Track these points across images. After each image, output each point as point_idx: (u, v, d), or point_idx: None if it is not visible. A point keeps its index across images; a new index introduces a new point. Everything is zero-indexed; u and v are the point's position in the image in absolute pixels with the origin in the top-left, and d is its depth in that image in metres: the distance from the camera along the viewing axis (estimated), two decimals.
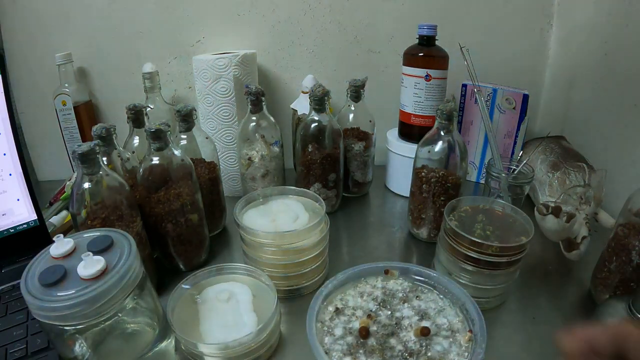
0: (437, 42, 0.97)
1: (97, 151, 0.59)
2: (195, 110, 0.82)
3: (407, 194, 0.91)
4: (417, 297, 0.55)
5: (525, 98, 1.02)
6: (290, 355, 0.62)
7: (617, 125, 0.96)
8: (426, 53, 0.96)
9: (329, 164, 0.92)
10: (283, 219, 0.73)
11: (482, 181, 1.11)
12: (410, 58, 0.99)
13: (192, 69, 0.99)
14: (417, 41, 0.98)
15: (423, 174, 0.83)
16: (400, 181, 1.07)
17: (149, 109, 0.84)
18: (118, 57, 1.09)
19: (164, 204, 0.72)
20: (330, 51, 1.16)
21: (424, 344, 0.47)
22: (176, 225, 0.74)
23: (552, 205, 0.79)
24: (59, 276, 0.44)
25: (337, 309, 0.53)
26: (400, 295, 0.55)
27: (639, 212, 0.63)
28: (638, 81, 0.89)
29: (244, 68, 0.97)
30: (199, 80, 0.96)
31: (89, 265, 0.45)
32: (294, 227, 0.70)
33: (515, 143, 1.06)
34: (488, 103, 1.06)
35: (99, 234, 0.52)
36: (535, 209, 0.81)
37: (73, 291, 0.43)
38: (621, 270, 0.65)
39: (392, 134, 1.10)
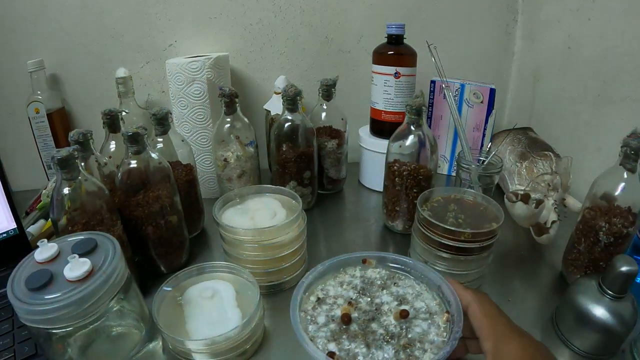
0: (405, 41, 1.00)
1: (76, 156, 0.60)
2: (171, 114, 0.83)
3: (381, 189, 0.93)
4: (394, 283, 0.56)
5: (492, 92, 1.06)
6: (275, 349, 0.64)
7: (582, 115, 1.00)
8: (395, 51, 0.99)
9: (304, 162, 0.94)
10: (261, 217, 0.75)
11: (454, 174, 1.14)
12: (380, 56, 1.01)
13: (165, 73, 0.99)
14: (385, 40, 1.01)
15: (395, 168, 0.85)
16: (374, 176, 1.09)
17: (124, 113, 0.84)
18: (90, 62, 1.09)
19: (144, 207, 0.72)
20: (302, 52, 1.18)
21: (404, 326, 0.49)
22: (156, 228, 0.75)
23: (521, 192, 0.82)
24: (45, 280, 0.45)
25: (318, 298, 0.54)
26: (379, 282, 0.56)
27: (604, 195, 0.66)
28: (600, 72, 0.94)
29: (217, 70, 0.98)
30: (172, 83, 0.97)
31: (75, 267, 0.46)
32: (273, 223, 0.71)
33: (484, 135, 1.10)
34: (456, 98, 1.09)
35: (82, 237, 0.52)
36: (505, 196, 0.84)
37: (60, 294, 0.44)
38: (590, 250, 0.68)
39: (364, 131, 1.12)
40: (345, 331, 0.49)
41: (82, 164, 0.71)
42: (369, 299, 0.53)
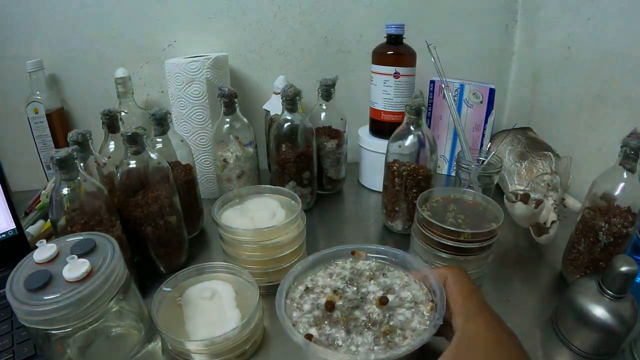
0: (404, 41, 1.00)
1: (75, 156, 0.60)
2: (170, 114, 0.83)
3: (380, 189, 0.93)
4: (383, 274, 0.56)
5: (492, 92, 1.06)
6: (274, 350, 0.64)
7: (581, 115, 1.00)
8: (394, 51, 0.99)
9: (303, 162, 0.94)
10: (261, 217, 0.75)
11: (453, 174, 1.14)
12: (379, 56, 1.01)
13: (165, 73, 0.99)
14: (385, 40, 1.01)
15: (395, 168, 0.85)
16: (373, 176, 1.09)
17: (123, 113, 0.84)
18: (90, 63, 1.09)
19: (143, 207, 0.72)
20: (301, 52, 1.18)
21: (387, 314, 0.49)
22: (155, 228, 0.75)
23: (521, 192, 0.82)
24: (44, 280, 0.45)
25: (307, 288, 0.55)
26: (367, 273, 0.56)
27: (604, 195, 0.66)
28: (600, 72, 0.94)
29: (216, 71, 0.98)
30: (171, 83, 0.97)
31: (74, 268, 0.46)
32: (272, 223, 0.71)
33: (483, 135, 1.10)
34: (456, 98, 1.09)
35: (81, 237, 0.52)
36: (504, 197, 0.84)
37: (59, 294, 0.44)
38: (590, 250, 0.68)
39: (364, 131, 1.12)
40: (328, 317, 0.50)
41: (81, 164, 0.71)
42: (355, 289, 0.54)
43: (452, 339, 0.44)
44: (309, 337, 0.46)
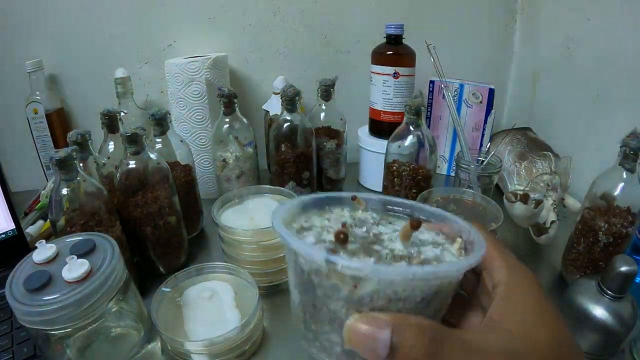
0: (404, 41, 1.00)
1: (75, 157, 0.60)
2: (170, 114, 0.83)
3: (380, 189, 0.93)
4: (390, 222, 0.44)
5: (492, 92, 1.06)
6: (274, 350, 0.63)
7: (581, 115, 1.01)
8: (394, 51, 0.99)
9: (302, 162, 0.94)
10: (260, 217, 0.75)
11: (453, 174, 1.14)
12: (379, 57, 1.01)
13: (164, 73, 0.99)
14: (384, 40, 1.01)
15: (394, 168, 0.85)
16: (373, 177, 1.09)
17: (122, 114, 0.84)
18: (89, 63, 1.09)
19: (142, 208, 0.72)
20: (300, 52, 1.18)
21: (413, 250, 0.37)
22: (155, 228, 0.75)
23: (521, 193, 0.82)
24: (43, 281, 0.45)
25: (302, 227, 0.40)
26: (372, 221, 0.43)
27: (604, 195, 0.67)
28: (600, 72, 0.94)
29: (216, 71, 0.98)
30: (171, 84, 0.97)
31: (74, 268, 0.46)
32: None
33: (483, 135, 1.10)
34: (455, 98, 1.09)
35: (81, 238, 0.52)
36: (504, 197, 0.84)
37: (58, 295, 0.44)
38: (589, 250, 0.69)
39: (363, 131, 1.12)
40: (343, 249, 0.36)
41: (81, 164, 0.71)
42: (364, 229, 0.41)
43: (496, 291, 0.35)
44: (333, 251, 0.34)
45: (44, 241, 0.50)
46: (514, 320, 0.32)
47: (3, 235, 0.78)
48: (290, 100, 0.89)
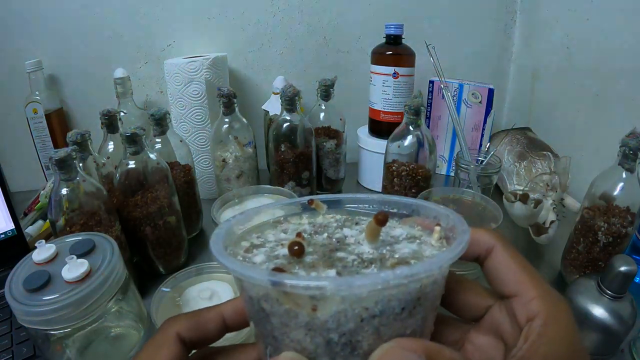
0: (403, 41, 1.00)
1: (74, 157, 0.60)
2: (169, 114, 0.83)
3: (379, 189, 0.93)
4: (356, 223, 0.38)
5: (491, 92, 1.06)
6: None
7: (580, 115, 1.01)
8: (393, 51, 0.99)
9: (302, 162, 0.94)
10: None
11: (452, 174, 1.14)
12: (378, 57, 1.01)
13: (164, 73, 0.99)
14: (384, 40, 1.01)
15: (394, 168, 0.85)
16: (372, 177, 1.09)
17: (122, 114, 0.84)
18: (89, 63, 1.09)
19: (142, 208, 0.72)
20: (300, 52, 1.18)
21: (385, 250, 0.32)
22: (154, 228, 0.74)
23: (520, 192, 0.82)
24: (43, 281, 0.45)
25: (252, 244, 0.35)
26: (335, 225, 0.37)
27: (603, 195, 0.67)
28: (599, 72, 0.94)
29: (215, 71, 0.98)
30: (170, 84, 0.97)
31: (73, 268, 0.46)
32: None
33: (482, 135, 1.10)
34: (455, 98, 1.09)
35: (80, 238, 0.53)
36: (503, 197, 0.84)
37: (58, 295, 0.44)
38: (589, 250, 0.68)
39: (363, 131, 1.12)
40: (298, 263, 0.31)
41: (80, 164, 0.71)
42: (326, 235, 0.35)
43: (532, 325, 0.29)
44: (278, 270, 0.28)
45: (43, 241, 0.50)
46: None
47: (2, 236, 0.78)
48: (290, 101, 0.89)
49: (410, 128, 0.82)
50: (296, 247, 0.30)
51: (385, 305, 0.25)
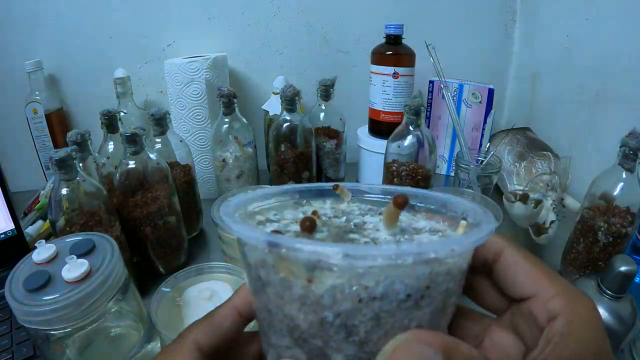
0: (403, 41, 1.00)
1: (74, 157, 0.60)
2: (169, 114, 0.83)
3: None
4: (380, 213, 0.34)
5: (491, 92, 1.06)
6: None
7: (580, 115, 1.01)
8: (393, 51, 0.99)
9: (302, 162, 0.94)
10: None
11: (452, 174, 1.14)
12: (378, 57, 1.01)
13: (164, 73, 0.99)
14: (384, 40, 1.01)
15: (394, 168, 0.85)
16: (372, 176, 1.09)
17: (122, 114, 0.84)
18: (89, 63, 1.09)
19: (142, 208, 0.72)
20: (300, 52, 1.18)
21: (402, 239, 0.29)
22: (154, 228, 0.74)
23: (520, 192, 0.82)
24: (43, 281, 0.45)
25: (267, 219, 0.32)
26: (358, 212, 0.35)
27: (603, 195, 0.67)
28: (599, 72, 0.94)
29: (215, 71, 0.98)
30: (170, 84, 0.97)
31: (73, 268, 0.46)
32: None
33: (482, 135, 1.10)
34: (455, 98, 1.09)
35: (80, 238, 0.52)
36: (503, 197, 0.84)
37: (58, 295, 0.44)
38: (589, 250, 0.69)
39: (363, 131, 1.12)
40: (307, 238, 0.28)
41: (80, 164, 0.71)
42: (344, 219, 0.33)
43: (554, 325, 0.26)
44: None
45: (43, 241, 0.50)
46: None
47: (2, 236, 0.78)
48: (290, 101, 0.89)
49: (410, 128, 0.82)
50: (307, 223, 0.28)
51: (388, 288, 0.23)
